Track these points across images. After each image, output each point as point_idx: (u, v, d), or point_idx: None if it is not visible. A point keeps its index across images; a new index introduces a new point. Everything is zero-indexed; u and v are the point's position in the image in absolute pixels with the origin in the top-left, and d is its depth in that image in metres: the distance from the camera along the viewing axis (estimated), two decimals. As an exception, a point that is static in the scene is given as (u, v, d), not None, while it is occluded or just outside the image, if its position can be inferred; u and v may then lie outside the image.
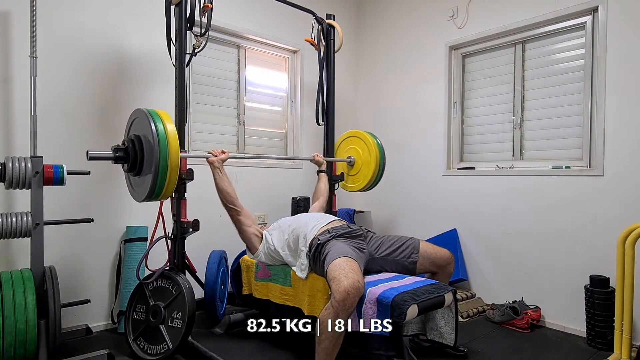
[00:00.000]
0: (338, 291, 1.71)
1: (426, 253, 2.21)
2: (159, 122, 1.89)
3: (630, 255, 2.03)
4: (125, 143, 2.04)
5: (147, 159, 1.93)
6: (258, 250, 2.32)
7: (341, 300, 1.70)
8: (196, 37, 2.35)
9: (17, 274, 1.89)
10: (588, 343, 2.41)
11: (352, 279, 1.74)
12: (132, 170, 2.02)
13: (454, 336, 2.06)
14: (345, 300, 1.70)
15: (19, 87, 2.26)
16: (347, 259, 1.87)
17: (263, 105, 3.45)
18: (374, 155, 2.93)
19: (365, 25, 3.99)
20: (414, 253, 2.19)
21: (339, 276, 1.76)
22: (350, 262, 1.85)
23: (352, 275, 1.75)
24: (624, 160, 2.43)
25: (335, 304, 1.71)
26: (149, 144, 1.90)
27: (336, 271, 1.79)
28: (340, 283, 1.72)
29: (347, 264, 1.82)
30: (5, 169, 1.86)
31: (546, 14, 2.75)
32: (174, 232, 2.23)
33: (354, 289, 1.71)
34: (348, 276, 1.74)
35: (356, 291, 1.72)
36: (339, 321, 1.73)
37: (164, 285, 2.15)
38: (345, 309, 1.71)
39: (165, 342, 2.03)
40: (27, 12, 2.13)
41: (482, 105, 3.20)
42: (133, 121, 2.09)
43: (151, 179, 1.87)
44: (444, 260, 2.23)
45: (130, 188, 2.19)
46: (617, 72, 2.46)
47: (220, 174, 2.28)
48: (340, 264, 1.83)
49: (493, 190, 3.01)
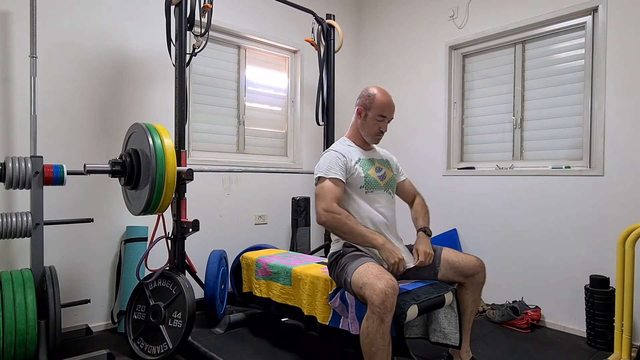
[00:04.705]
0: (375, 294, 1.59)
1: (449, 262, 1.97)
2: (157, 137, 1.90)
3: (630, 255, 2.03)
4: (122, 157, 2.05)
5: (144, 174, 1.95)
6: None
7: (381, 304, 1.58)
8: (196, 37, 2.35)
9: (17, 274, 1.88)
10: (588, 343, 2.41)
11: (385, 279, 1.63)
12: (129, 184, 2.03)
13: (459, 336, 2.05)
14: (384, 302, 1.58)
15: (19, 87, 2.26)
16: (371, 263, 1.76)
17: (263, 105, 3.45)
18: None
19: (365, 25, 3.99)
20: (435, 263, 1.99)
21: (371, 280, 1.64)
22: (375, 266, 1.74)
23: (383, 276, 1.65)
24: (624, 160, 2.43)
25: (377, 310, 1.58)
26: (146, 159, 1.91)
27: (364, 277, 1.67)
28: (375, 286, 1.61)
29: (374, 267, 1.71)
30: (5, 169, 1.86)
31: (546, 14, 2.75)
32: (173, 232, 2.23)
33: (391, 287, 1.60)
34: (380, 278, 1.63)
35: (393, 290, 1.61)
36: (387, 325, 1.60)
37: (164, 285, 2.15)
38: (389, 311, 1.59)
39: (165, 342, 2.04)
40: (27, 12, 2.14)
41: (482, 105, 3.20)
42: (131, 135, 2.09)
43: (147, 194, 1.89)
44: (471, 269, 1.97)
45: (126, 201, 2.20)
46: (617, 72, 2.46)
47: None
48: (365, 270, 1.71)
49: (493, 190, 3.01)
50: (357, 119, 2.05)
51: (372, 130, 2.00)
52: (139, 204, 2.00)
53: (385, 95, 1.99)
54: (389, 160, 2.16)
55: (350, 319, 1.87)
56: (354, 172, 1.94)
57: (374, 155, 2.10)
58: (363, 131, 2.03)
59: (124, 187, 2.19)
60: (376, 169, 2.03)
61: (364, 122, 2.01)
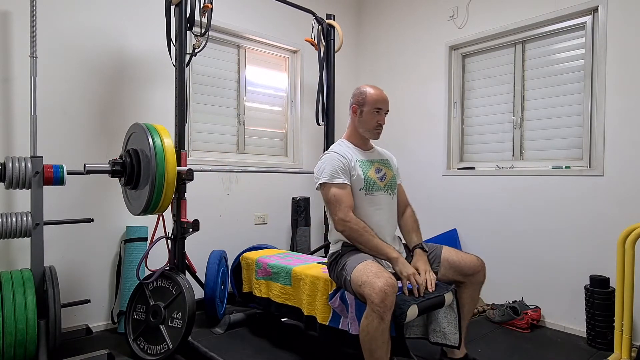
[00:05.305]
0: (374, 292, 1.60)
1: (449, 261, 1.97)
2: (157, 137, 1.89)
3: (630, 255, 2.03)
4: (122, 157, 2.05)
5: (144, 174, 1.94)
6: None
7: (380, 302, 1.58)
8: (196, 37, 2.35)
9: (17, 274, 1.89)
10: (588, 343, 2.41)
11: (384, 277, 1.63)
12: (129, 184, 2.03)
13: (458, 336, 2.05)
14: (384, 300, 1.59)
15: (19, 87, 2.26)
16: (370, 262, 1.76)
17: (263, 105, 3.45)
18: None
19: (365, 25, 3.99)
20: (435, 262, 1.99)
21: (370, 279, 1.64)
22: (374, 264, 1.75)
23: (382, 274, 1.65)
24: (624, 160, 2.43)
25: (377, 308, 1.59)
26: (146, 159, 1.91)
27: (364, 275, 1.68)
28: (374, 285, 1.61)
29: (372, 266, 1.72)
30: (5, 169, 1.86)
31: (546, 14, 2.75)
32: (174, 232, 2.23)
33: (390, 286, 1.61)
34: (379, 276, 1.64)
35: (392, 288, 1.61)
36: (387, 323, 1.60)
37: (164, 285, 2.15)
38: (388, 309, 1.60)
39: (166, 342, 2.03)
40: (27, 12, 2.14)
41: (482, 105, 3.20)
42: (131, 135, 2.09)
43: (147, 194, 1.88)
44: (471, 268, 1.97)
45: (126, 201, 2.20)
46: (617, 72, 2.46)
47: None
48: (364, 268, 1.72)
49: (493, 190, 3.01)
50: (353, 118, 2.04)
51: (370, 125, 2.00)
52: (139, 203, 2.01)
53: (376, 89, 2.02)
54: (389, 160, 2.16)
55: (350, 319, 1.87)
56: (354, 173, 1.94)
57: (373, 156, 2.09)
58: (361, 128, 2.02)
59: (124, 187, 2.19)
60: (376, 169, 2.02)
61: (361, 119, 2.01)
